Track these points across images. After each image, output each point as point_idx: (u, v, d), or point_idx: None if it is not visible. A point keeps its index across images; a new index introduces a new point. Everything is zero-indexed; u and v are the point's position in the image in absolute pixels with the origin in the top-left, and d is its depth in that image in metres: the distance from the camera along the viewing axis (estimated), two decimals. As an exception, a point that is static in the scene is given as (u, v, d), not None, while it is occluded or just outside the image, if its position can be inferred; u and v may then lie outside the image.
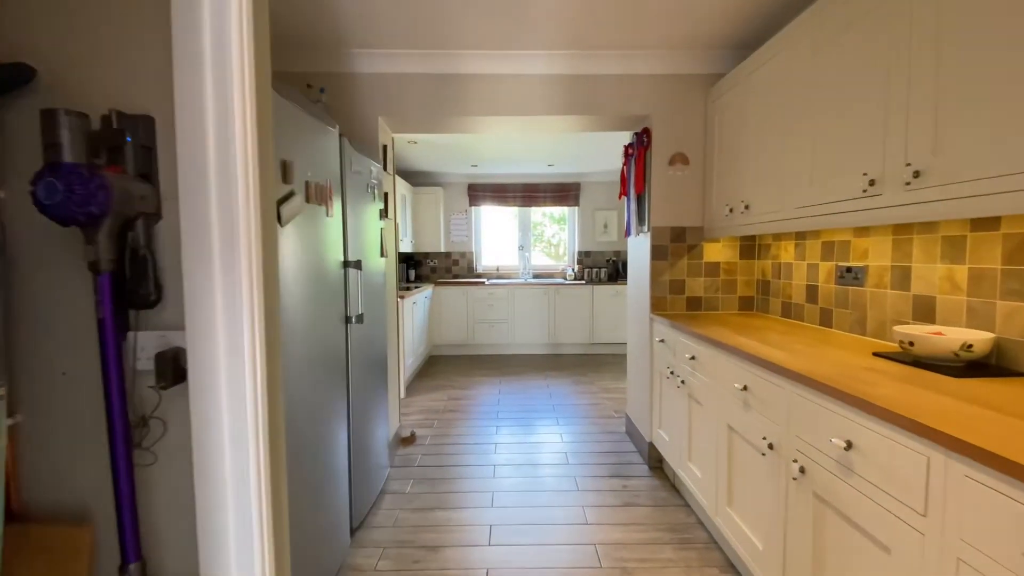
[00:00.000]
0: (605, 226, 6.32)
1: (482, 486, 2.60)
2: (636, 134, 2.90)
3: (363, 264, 2.30)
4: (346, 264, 2.12)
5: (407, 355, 4.40)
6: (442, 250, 6.09)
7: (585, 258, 6.38)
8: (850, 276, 2.01)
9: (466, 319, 5.77)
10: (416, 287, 5.07)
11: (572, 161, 5.50)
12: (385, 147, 2.88)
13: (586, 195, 6.30)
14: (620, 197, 3.20)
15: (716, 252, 2.77)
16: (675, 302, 2.79)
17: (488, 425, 3.49)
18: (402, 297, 4.12)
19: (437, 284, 5.76)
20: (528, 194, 6.21)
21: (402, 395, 4.16)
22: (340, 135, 2.04)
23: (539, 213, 6.51)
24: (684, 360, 2.31)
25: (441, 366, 5.29)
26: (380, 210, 2.63)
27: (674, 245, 2.77)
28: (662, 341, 2.59)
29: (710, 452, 2.02)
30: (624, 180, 3.07)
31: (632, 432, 3.14)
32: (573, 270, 6.21)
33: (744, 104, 2.30)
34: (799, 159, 1.87)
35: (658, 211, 2.75)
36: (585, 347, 5.86)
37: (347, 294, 2.14)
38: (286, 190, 1.51)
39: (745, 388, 1.71)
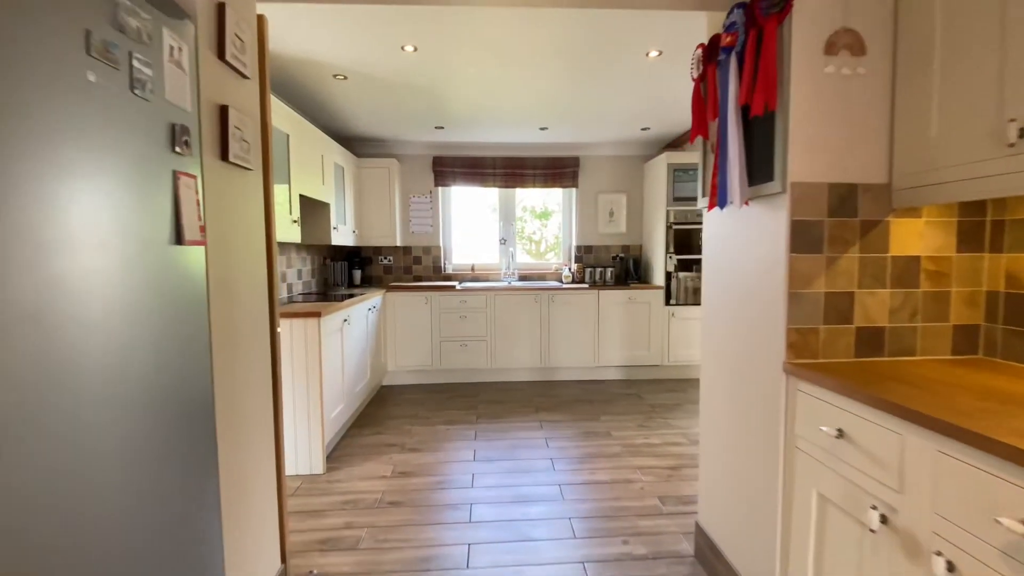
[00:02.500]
0: (611, 214, 4.91)
1: None
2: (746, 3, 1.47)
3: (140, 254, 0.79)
4: None
5: (332, 401, 2.88)
6: (398, 243, 4.58)
7: (586, 255, 4.97)
8: None
9: (430, 336, 4.28)
10: (354, 295, 3.56)
11: (571, 124, 4.07)
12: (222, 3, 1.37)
13: (587, 173, 4.88)
14: (692, 139, 1.79)
15: (913, 237, 1.38)
16: (834, 339, 1.38)
17: (455, 538, 2.03)
18: (317, 316, 2.61)
19: (390, 289, 4.24)
20: (513, 171, 4.75)
21: (319, 470, 2.65)
22: None
23: (526, 199, 5.06)
24: (922, 492, 0.90)
25: (392, 405, 3.79)
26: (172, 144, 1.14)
27: (835, 223, 1.36)
28: (839, 434, 1.18)
29: None
30: (707, 102, 1.65)
31: (717, 567, 1.74)
32: (570, 270, 4.79)
33: None
34: None
35: (804, 151, 1.34)
36: (588, 371, 4.45)
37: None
38: None
39: None
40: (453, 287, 4.27)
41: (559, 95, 3.35)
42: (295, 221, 2.96)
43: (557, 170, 4.79)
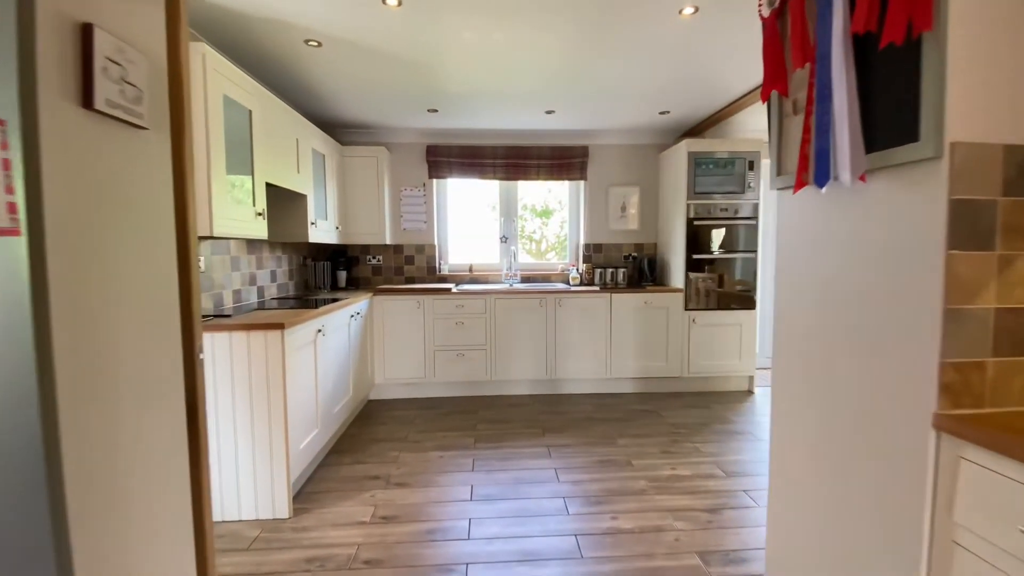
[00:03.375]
0: (623, 209, 4.46)
1: None
2: None
3: None
4: None
5: (302, 428, 2.42)
6: (387, 242, 4.12)
7: (595, 254, 4.51)
8: None
9: (423, 345, 3.82)
10: (338, 299, 3.10)
11: (581, 107, 3.61)
12: None
13: (597, 165, 4.43)
14: (764, 96, 1.34)
15: (1124, 226, 0.93)
16: (1008, 378, 0.92)
17: (447, 619, 1.57)
18: (279, 328, 2.15)
19: (378, 292, 3.78)
20: (515, 161, 4.29)
21: (285, 513, 2.19)
22: None
23: (527, 195, 4.60)
24: None
25: (379, 424, 3.33)
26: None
27: (1012, 204, 0.90)
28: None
29: None
30: (790, 42, 1.20)
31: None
32: (578, 271, 4.34)
33: None
34: None
35: (970, 97, 0.88)
36: (599, 383, 4.00)
37: None
38: None
39: None
40: (449, 290, 3.81)
41: (569, 69, 2.89)
42: (260, 214, 2.51)
43: (564, 160, 4.33)
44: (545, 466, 2.67)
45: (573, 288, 3.95)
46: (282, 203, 3.16)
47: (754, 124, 4.11)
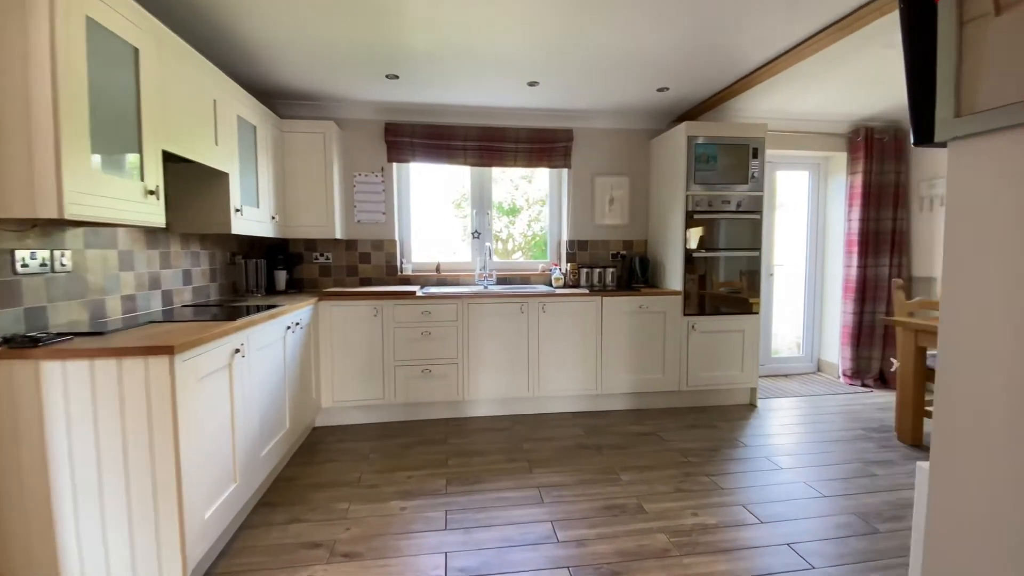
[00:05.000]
0: (611, 202, 3.96)
1: None
2: None
3: None
4: None
5: (208, 487, 1.76)
6: (338, 236, 3.44)
7: (580, 252, 3.99)
8: None
9: (381, 360, 3.18)
10: (275, 307, 2.44)
11: (570, 79, 3.08)
12: None
13: (582, 151, 3.91)
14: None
15: None
16: None
17: None
18: (167, 353, 1.49)
19: (324, 297, 3.12)
20: (490, 144, 3.71)
21: (176, 622, 1.53)
22: None
23: (504, 181, 4.03)
24: None
25: (325, 462, 2.67)
26: None
27: None
28: None
29: None
30: None
31: None
32: (562, 271, 3.81)
33: None
34: None
35: None
36: (588, 400, 3.48)
37: None
38: None
39: None
40: (413, 293, 3.19)
41: (560, 28, 2.35)
42: (151, 192, 1.82)
43: (546, 145, 3.79)
44: (538, 517, 2.11)
45: (559, 291, 3.41)
46: (195, 183, 2.46)
47: (755, 108, 3.70)
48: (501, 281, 3.86)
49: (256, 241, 3.53)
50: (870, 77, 3.18)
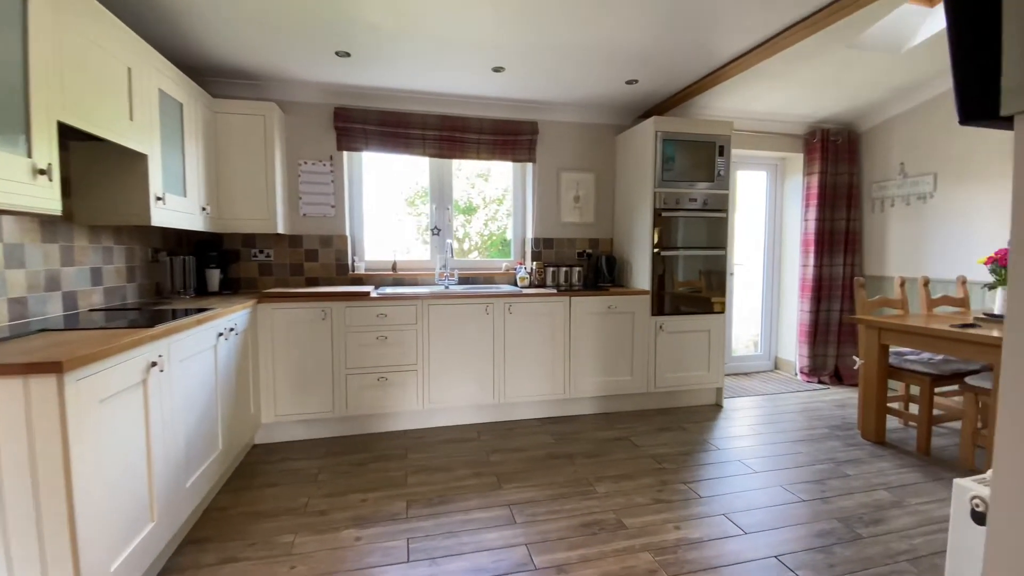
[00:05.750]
0: (577, 199, 3.83)
1: None
2: None
3: None
4: None
5: (122, 533, 1.44)
6: (280, 231, 3.10)
7: (546, 250, 3.83)
8: None
9: (331, 368, 2.88)
10: (205, 310, 2.10)
11: (538, 66, 2.91)
12: None
13: (548, 145, 3.75)
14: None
15: None
16: None
17: None
18: (55, 371, 1.18)
19: (264, 299, 2.78)
20: (451, 134, 3.48)
21: None
22: None
23: (460, 178, 3.81)
24: None
25: (265, 486, 2.35)
26: None
27: None
28: None
29: None
30: None
31: None
32: (527, 270, 3.63)
33: None
34: None
35: None
36: (556, 405, 3.32)
37: None
38: None
39: None
40: (367, 294, 2.91)
41: (530, 10, 2.16)
42: (42, 172, 1.47)
43: (510, 137, 3.60)
44: (511, 540, 1.91)
45: (526, 291, 3.23)
46: (106, 166, 2.08)
47: (719, 106, 3.67)
48: (463, 281, 3.63)
49: (184, 236, 3.13)
50: (829, 78, 3.21)
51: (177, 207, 2.38)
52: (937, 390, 2.92)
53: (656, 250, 3.35)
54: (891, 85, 3.43)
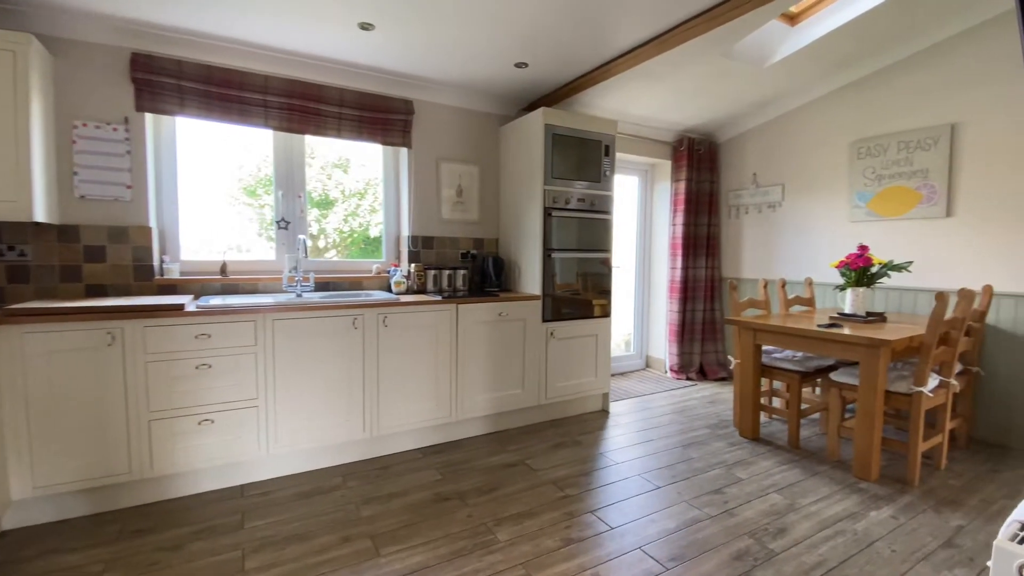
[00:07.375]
0: (459, 193, 3.41)
1: None
2: None
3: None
4: None
5: None
6: (41, 219, 2.14)
7: (426, 250, 3.34)
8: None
9: (124, 413, 2.04)
10: None
11: (415, 30, 2.43)
12: None
13: (425, 129, 3.26)
14: None
15: None
16: None
17: None
18: None
19: (9, 319, 1.84)
20: (303, 104, 2.79)
21: None
22: None
23: (313, 167, 3.14)
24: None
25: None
26: None
27: None
28: None
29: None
30: None
31: None
32: (404, 274, 3.11)
33: None
34: None
35: None
36: (441, 431, 2.86)
37: None
38: None
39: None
40: (181, 307, 2.12)
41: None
42: None
43: (379, 114, 3.03)
44: (399, 638, 1.42)
45: (404, 299, 2.71)
46: None
47: (602, 104, 3.57)
48: (321, 287, 2.97)
49: None
50: (700, 88, 3.30)
51: None
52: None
53: (547, 251, 3.10)
54: (750, 100, 3.67)
